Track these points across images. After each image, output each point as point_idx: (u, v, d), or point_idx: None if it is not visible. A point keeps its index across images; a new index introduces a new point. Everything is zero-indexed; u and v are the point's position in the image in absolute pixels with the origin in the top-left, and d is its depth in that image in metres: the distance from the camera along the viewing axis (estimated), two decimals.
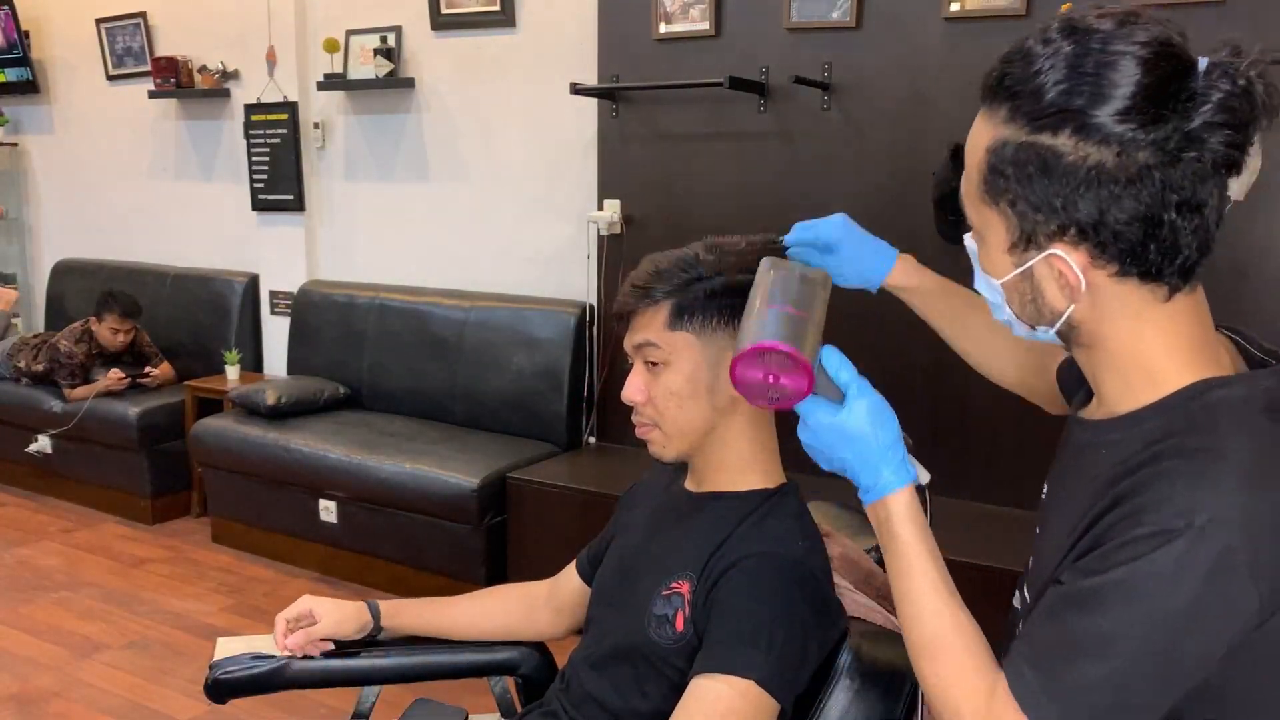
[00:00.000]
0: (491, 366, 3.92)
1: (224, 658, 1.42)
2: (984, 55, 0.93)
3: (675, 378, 1.21)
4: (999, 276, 0.90)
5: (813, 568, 1.19)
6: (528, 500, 3.36)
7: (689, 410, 1.21)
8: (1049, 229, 0.84)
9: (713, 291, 1.20)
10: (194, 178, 4.99)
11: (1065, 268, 0.85)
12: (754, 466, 1.25)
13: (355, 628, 1.49)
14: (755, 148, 3.36)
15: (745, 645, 1.11)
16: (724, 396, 1.20)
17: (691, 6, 3.40)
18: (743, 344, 0.98)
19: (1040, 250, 0.86)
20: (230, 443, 3.96)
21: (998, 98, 0.85)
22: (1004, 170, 0.84)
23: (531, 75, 3.89)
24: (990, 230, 0.89)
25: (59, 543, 4.16)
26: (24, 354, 4.58)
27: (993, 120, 0.86)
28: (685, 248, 1.24)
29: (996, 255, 0.89)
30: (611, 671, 1.27)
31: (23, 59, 5.28)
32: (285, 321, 4.57)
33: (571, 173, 3.83)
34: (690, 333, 1.20)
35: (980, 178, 0.87)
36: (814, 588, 1.17)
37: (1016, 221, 0.86)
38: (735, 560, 1.16)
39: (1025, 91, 0.83)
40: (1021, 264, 0.88)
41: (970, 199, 0.90)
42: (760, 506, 1.22)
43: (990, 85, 0.87)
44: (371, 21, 4.19)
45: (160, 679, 3.04)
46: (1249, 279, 2.70)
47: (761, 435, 1.25)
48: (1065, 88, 0.80)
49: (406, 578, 3.61)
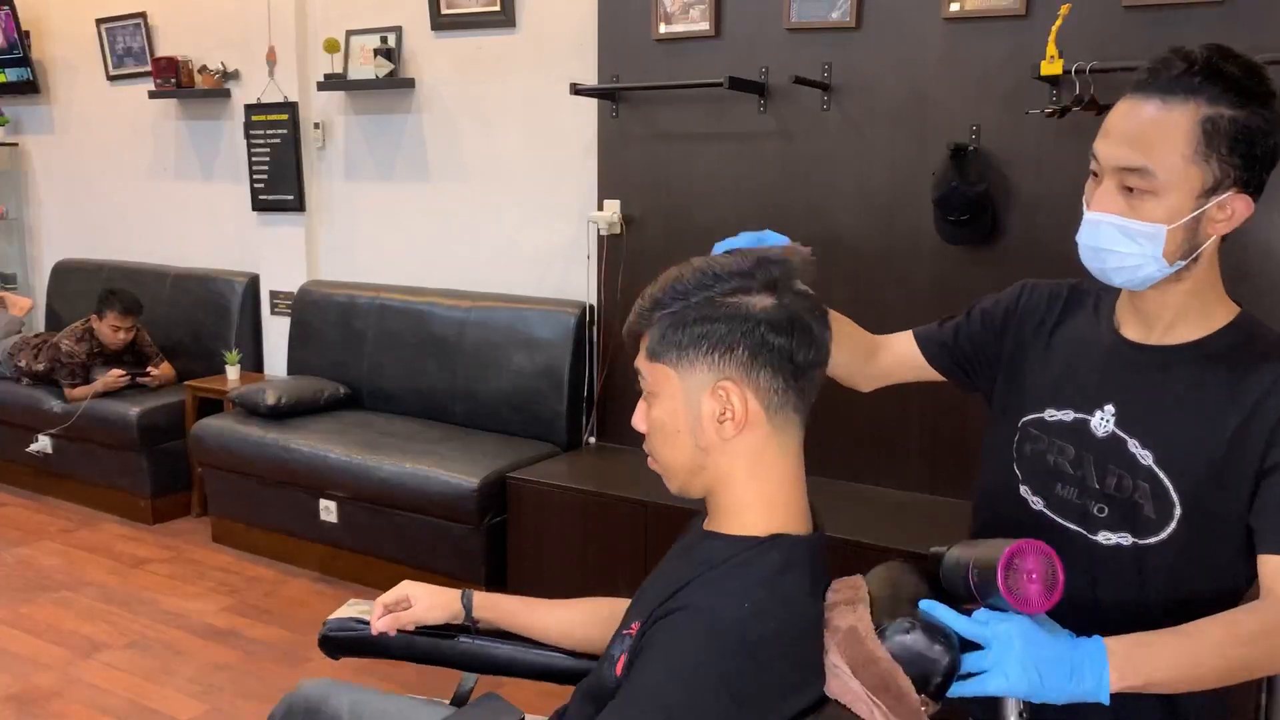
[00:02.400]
0: (491, 366, 3.92)
1: (334, 618, 1.52)
2: (984, 55, 0.96)
3: (658, 412, 1.14)
4: (1179, 219, 1.16)
5: (753, 633, 1.02)
6: (528, 500, 3.36)
7: (672, 447, 1.13)
8: (1240, 176, 1.15)
9: (686, 321, 1.09)
10: (194, 178, 4.99)
11: (1239, 204, 1.18)
12: (751, 511, 1.12)
13: (444, 615, 1.50)
14: (755, 148, 3.36)
15: (632, 707, 1.02)
16: (707, 435, 1.10)
17: (691, 6, 3.40)
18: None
19: (1222, 194, 1.16)
20: (230, 443, 3.96)
21: (1194, 88, 1.13)
22: (1220, 134, 1.13)
23: (531, 75, 3.89)
24: (1188, 182, 1.15)
25: (59, 543, 4.16)
26: (25, 353, 4.58)
27: (1197, 101, 1.13)
28: (680, 266, 1.14)
29: (1183, 201, 1.15)
30: (581, 705, 1.24)
31: (23, 59, 5.29)
32: (285, 321, 4.58)
33: (571, 173, 3.83)
34: (668, 365, 1.11)
35: (1194, 144, 1.13)
36: (743, 655, 1.01)
37: (1217, 172, 1.14)
38: (671, 610, 1.06)
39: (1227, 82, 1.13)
40: (1209, 204, 1.16)
41: (1171, 160, 1.14)
42: (737, 555, 1.09)
43: (1188, 73, 1.14)
44: (371, 22, 4.20)
45: (160, 679, 3.05)
46: (1249, 279, 2.70)
47: (764, 479, 1.12)
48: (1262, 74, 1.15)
49: (407, 578, 3.59)
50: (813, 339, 1.10)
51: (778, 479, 1.13)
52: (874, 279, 3.18)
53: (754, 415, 1.09)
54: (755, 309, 1.08)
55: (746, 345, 1.07)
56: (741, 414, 1.08)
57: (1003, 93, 2.90)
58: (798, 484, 1.15)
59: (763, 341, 1.07)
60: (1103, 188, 1.19)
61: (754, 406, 1.09)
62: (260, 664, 3.15)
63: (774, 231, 1.26)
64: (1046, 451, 1.32)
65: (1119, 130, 1.17)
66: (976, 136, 2.93)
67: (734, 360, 1.08)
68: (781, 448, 1.12)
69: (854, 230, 3.22)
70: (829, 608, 1.11)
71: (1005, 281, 1.49)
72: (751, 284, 1.09)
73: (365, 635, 1.50)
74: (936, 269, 3.10)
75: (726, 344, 1.08)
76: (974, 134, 2.93)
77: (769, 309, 1.08)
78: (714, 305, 1.09)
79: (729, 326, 1.08)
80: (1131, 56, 2.66)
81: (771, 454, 1.11)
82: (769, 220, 3.33)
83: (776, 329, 1.08)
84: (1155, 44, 2.69)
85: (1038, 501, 1.33)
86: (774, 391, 1.09)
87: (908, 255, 3.13)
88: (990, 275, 2.84)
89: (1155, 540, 1.24)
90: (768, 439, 1.11)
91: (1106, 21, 2.76)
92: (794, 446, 1.13)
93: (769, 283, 1.10)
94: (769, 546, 1.09)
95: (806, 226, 3.24)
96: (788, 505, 1.13)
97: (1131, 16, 2.75)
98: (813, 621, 1.09)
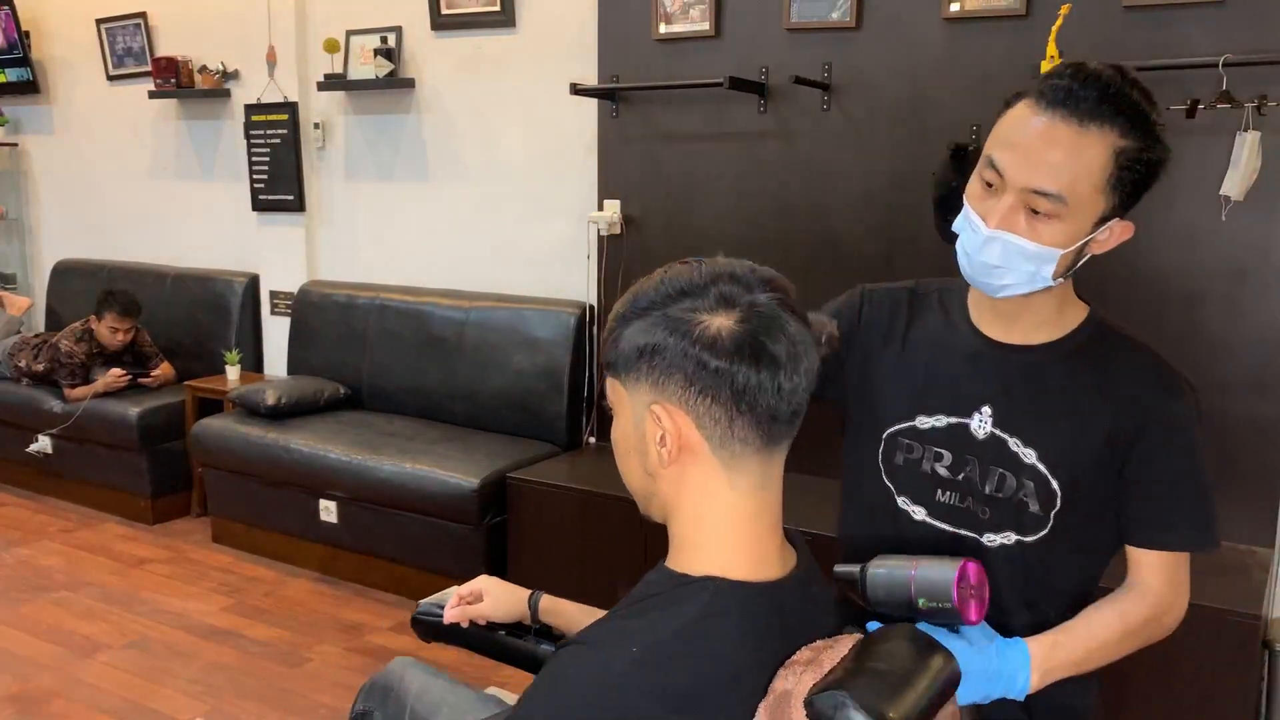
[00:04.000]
0: (491, 366, 3.92)
1: (425, 600, 1.55)
2: (984, 55, 0.96)
3: (614, 430, 1.04)
4: (1075, 243, 1.17)
5: (643, 681, 0.90)
6: (528, 500, 3.36)
7: (626, 468, 1.04)
8: (1128, 202, 1.17)
9: (634, 337, 0.97)
10: (194, 178, 4.99)
11: (1120, 228, 1.19)
12: (691, 547, 1.00)
13: (511, 614, 1.51)
14: (755, 148, 3.36)
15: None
16: (650, 460, 0.99)
17: (691, 6, 3.40)
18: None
19: (1111, 219, 1.18)
20: (230, 443, 3.96)
21: (1109, 116, 1.13)
22: (1126, 167, 1.14)
23: (531, 75, 3.89)
24: (1092, 209, 1.16)
25: (59, 543, 4.17)
26: (24, 354, 4.58)
27: (1111, 131, 1.13)
28: (648, 276, 1.03)
29: (1082, 226, 1.16)
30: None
31: (23, 59, 5.29)
32: (285, 321, 4.58)
33: (571, 173, 3.83)
34: (619, 381, 1.00)
35: (1106, 175, 1.14)
36: (621, 705, 0.90)
37: (1115, 200, 1.16)
38: (574, 640, 0.98)
39: (1134, 113, 1.14)
40: (1096, 231, 1.17)
41: (1083, 189, 1.14)
42: (663, 593, 0.98)
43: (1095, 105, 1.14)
44: (371, 22, 4.19)
45: (160, 679, 3.04)
46: (1249, 279, 2.70)
47: (709, 516, 0.99)
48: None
49: (406, 578, 3.61)
50: (775, 365, 0.94)
51: (728, 517, 0.98)
52: (874, 279, 3.16)
53: (694, 444, 0.96)
54: (707, 330, 0.93)
55: (683, 369, 0.94)
56: (674, 442, 0.96)
57: (1003, 93, 2.89)
58: (755, 524, 0.99)
59: (701, 365, 0.93)
60: (1007, 205, 1.16)
61: (693, 436, 0.96)
62: (260, 664, 3.15)
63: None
64: (922, 460, 1.31)
65: (1034, 152, 1.14)
66: (976, 136, 2.93)
67: (673, 384, 0.95)
68: (735, 484, 0.98)
69: (854, 230, 3.21)
70: (786, 665, 0.97)
71: None
72: (704, 301, 0.95)
73: (441, 622, 1.52)
74: (936, 269, 3.08)
75: (666, 365, 0.95)
76: (974, 134, 2.92)
77: (721, 330, 0.93)
78: (666, 321, 0.95)
79: (672, 347, 0.94)
80: (1132, 56, 2.66)
81: (719, 489, 0.98)
82: (769, 220, 3.34)
83: (721, 353, 0.93)
84: (1155, 44, 2.70)
85: (919, 511, 1.32)
86: (716, 422, 0.95)
87: (908, 255, 3.13)
88: None
89: (1038, 537, 1.27)
90: (714, 472, 0.97)
91: (1107, 21, 2.76)
92: (753, 482, 0.98)
93: (725, 299, 0.95)
94: (698, 589, 0.96)
95: (806, 226, 3.24)
96: (737, 547, 0.99)
97: (1131, 16, 2.75)
98: (732, 676, 0.94)
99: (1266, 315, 2.70)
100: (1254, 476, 2.72)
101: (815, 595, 1.05)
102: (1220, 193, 2.55)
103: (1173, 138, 1.17)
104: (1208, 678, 2.38)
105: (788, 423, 0.98)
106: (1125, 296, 2.80)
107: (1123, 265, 2.82)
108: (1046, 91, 1.14)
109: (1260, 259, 2.69)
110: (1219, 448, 2.75)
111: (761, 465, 0.98)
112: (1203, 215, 2.70)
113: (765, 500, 1.00)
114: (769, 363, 0.94)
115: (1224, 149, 2.54)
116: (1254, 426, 2.71)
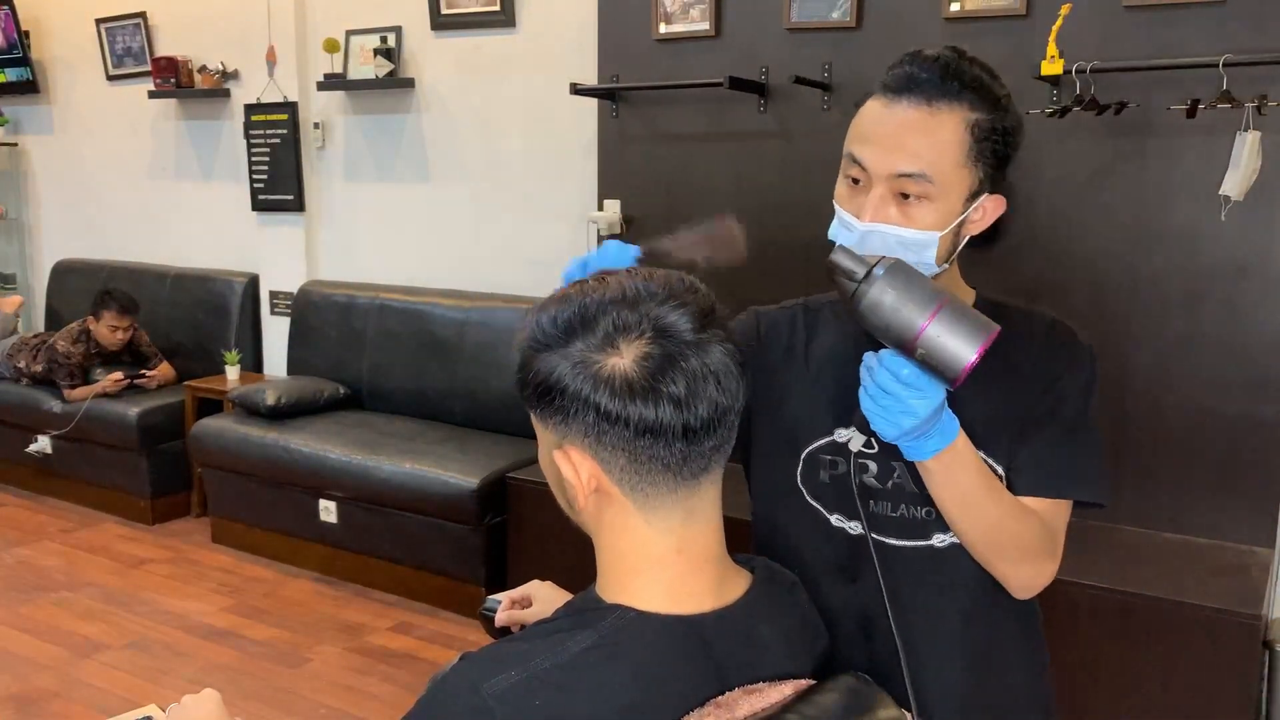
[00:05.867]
0: (491, 366, 3.92)
1: (491, 596, 1.55)
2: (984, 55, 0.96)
3: (539, 457, 0.97)
4: (949, 224, 1.16)
5: (490, 707, 0.82)
6: (528, 500, 3.36)
7: (557, 499, 0.99)
8: (992, 176, 1.17)
9: (529, 369, 0.91)
10: (194, 178, 4.99)
11: (991, 204, 1.19)
12: (612, 573, 0.94)
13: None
14: (755, 148, 3.36)
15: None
16: (569, 496, 0.94)
17: (691, 6, 3.40)
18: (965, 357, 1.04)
19: (980, 196, 1.17)
20: (230, 443, 3.96)
21: (954, 93, 1.14)
22: (983, 139, 1.15)
23: (531, 75, 3.89)
24: (959, 186, 1.15)
25: (59, 543, 4.17)
26: (24, 354, 4.59)
27: (961, 106, 1.14)
28: (548, 300, 0.96)
29: (954, 206, 1.16)
30: None
31: (23, 59, 5.29)
32: (285, 321, 4.58)
33: (571, 173, 3.83)
34: (532, 414, 0.94)
35: (965, 149, 1.14)
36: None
37: (980, 175, 1.16)
38: (463, 655, 0.92)
39: (978, 86, 1.15)
40: (971, 207, 1.17)
41: (945, 165, 1.14)
42: (572, 616, 0.92)
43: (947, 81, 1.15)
44: (371, 21, 4.20)
45: (160, 679, 3.04)
46: (1249, 279, 2.70)
47: (629, 554, 0.93)
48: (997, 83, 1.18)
49: (406, 578, 3.61)
50: (675, 403, 0.86)
51: (650, 554, 0.92)
52: None
53: (605, 487, 0.90)
54: (601, 372, 0.86)
55: (583, 417, 0.87)
56: (584, 487, 0.90)
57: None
58: (680, 557, 0.92)
59: (599, 412, 0.87)
60: (875, 196, 1.15)
61: (603, 480, 0.90)
62: (260, 664, 3.15)
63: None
64: (848, 474, 1.26)
65: (888, 136, 1.14)
66: None
67: (576, 428, 0.88)
68: (651, 522, 0.91)
69: None
70: (699, 714, 0.88)
71: (1005, 281, 1.49)
72: (593, 339, 0.87)
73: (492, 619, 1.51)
74: None
75: (568, 409, 0.88)
76: None
77: (615, 372, 0.86)
78: (562, 362, 0.88)
79: (570, 390, 0.87)
80: (1132, 56, 2.66)
81: (636, 526, 0.91)
82: (769, 220, 3.33)
83: (617, 397, 0.86)
84: (1155, 44, 2.70)
85: (855, 526, 1.27)
86: (623, 469, 0.89)
87: None
88: (990, 275, 2.82)
89: None
90: (629, 512, 0.91)
91: (1107, 21, 2.76)
92: (674, 518, 0.91)
93: (620, 330, 0.87)
94: (599, 616, 0.90)
95: (806, 226, 3.23)
96: (658, 579, 0.91)
97: (1132, 16, 2.74)
98: (617, 713, 0.85)
99: (1266, 315, 2.70)
100: (1254, 476, 2.72)
101: (759, 633, 0.96)
102: (1220, 192, 2.55)
103: (1173, 138, 1.17)
104: (1208, 678, 2.37)
105: (706, 455, 0.90)
106: (1125, 297, 2.80)
107: (1123, 265, 2.82)
108: (890, 82, 1.15)
109: (1260, 259, 2.69)
110: (1219, 448, 2.75)
111: (683, 501, 0.91)
112: (1203, 215, 2.70)
113: (693, 533, 0.93)
114: (669, 401, 0.86)
115: (1224, 149, 2.54)
116: (1254, 426, 2.71)
